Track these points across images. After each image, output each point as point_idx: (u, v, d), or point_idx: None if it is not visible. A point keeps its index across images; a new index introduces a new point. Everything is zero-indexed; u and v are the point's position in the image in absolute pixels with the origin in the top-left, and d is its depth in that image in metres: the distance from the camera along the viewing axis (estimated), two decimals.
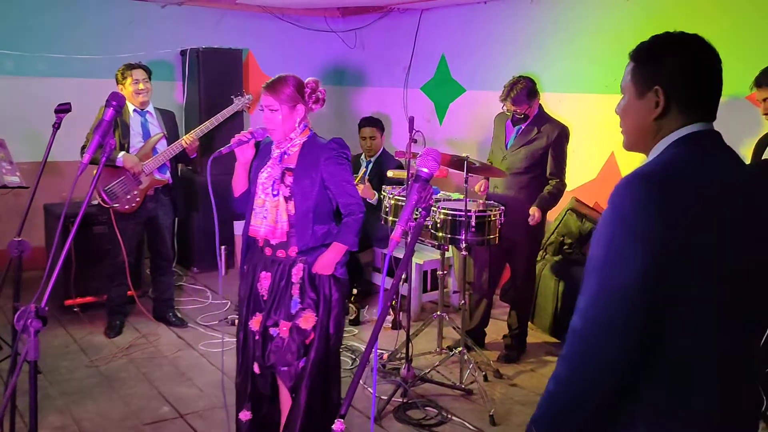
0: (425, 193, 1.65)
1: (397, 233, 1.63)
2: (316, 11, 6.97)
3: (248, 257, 2.98)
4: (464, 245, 3.90)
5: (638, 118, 1.53)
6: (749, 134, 4.12)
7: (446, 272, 4.42)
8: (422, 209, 1.66)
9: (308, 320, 2.84)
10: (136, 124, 4.62)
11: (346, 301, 3.03)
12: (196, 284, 5.84)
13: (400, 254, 5.08)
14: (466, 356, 3.99)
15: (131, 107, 4.60)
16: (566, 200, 4.94)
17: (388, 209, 4.31)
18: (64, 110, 2.75)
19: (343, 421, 1.47)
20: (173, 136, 4.77)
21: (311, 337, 2.86)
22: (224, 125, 5.04)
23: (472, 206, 3.95)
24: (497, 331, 4.71)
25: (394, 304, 4.95)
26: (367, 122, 5.55)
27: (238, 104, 4.89)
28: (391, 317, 4.95)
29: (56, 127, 2.78)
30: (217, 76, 6.04)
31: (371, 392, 3.72)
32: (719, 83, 1.52)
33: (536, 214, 4.13)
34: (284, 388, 2.92)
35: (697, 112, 1.50)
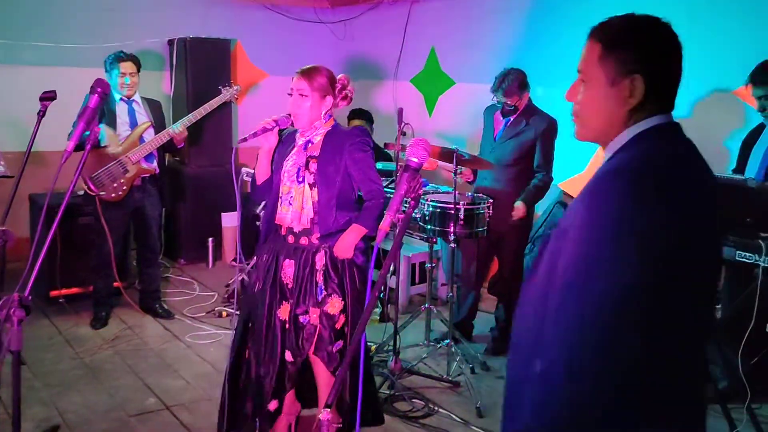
0: (414, 183, 1.63)
1: (385, 223, 1.61)
2: (305, 2, 6.93)
3: (269, 245, 2.99)
4: (453, 238, 3.90)
5: (608, 107, 1.41)
6: (734, 128, 4.15)
7: (434, 265, 4.42)
8: (411, 199, 1.64)
9: (334, 305, 2.88)
10: (123, 112, 4.58)
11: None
12: (182, 276, 5.80)
13: (388, 246, 5.07)
14: (453, 349, 4.00)
15: (117, 96, 4.57)
16: (555, 193, 4.95)
17: None
18: (49, 98, 2.71)
19: (329, 410, 1.46)
20: (160, 125, 4.73)
21: (341, 321, 2.89)
22: (212, 115, 5.01)
23: (460, 199, 3.95)
24: (485, 323, 4.71)
25: (382, 296, 4.95)
26: (355, 114, 5.53)
27: (225, 95, 4.86)
28: (379, 310, 4.95)
29: (41, 114, 2.75)
30: (205, 66, 6.00)
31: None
32: (681, 70, 1.43)
33: (520, 210, 4.15)
34: (321, 372, 2.95)
35: (666, 101, 1.42)
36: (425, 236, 4.17)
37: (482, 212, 3.99)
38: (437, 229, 3.99)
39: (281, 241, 2.94)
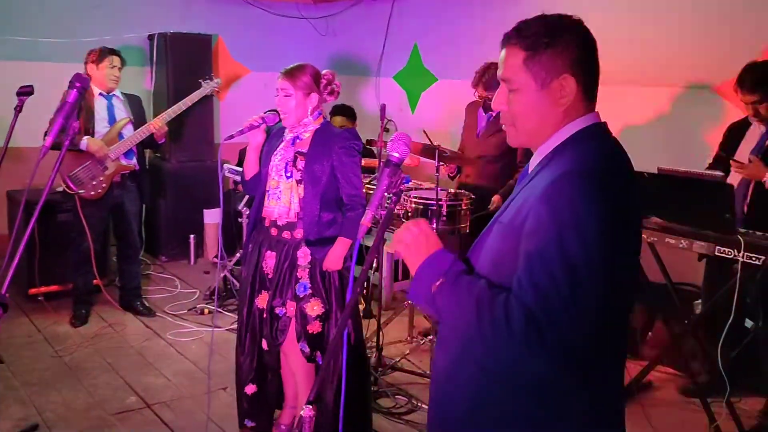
0: (396, 178, 1.61)
1: (366, 218, 1.59)
2: None
3: (253, 237, 3.06)
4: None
5: (542, 110, 1.43)
6: (712, 124, 4.19)
7: None
8: (393, 194, 1.63)
9: (315, 308, 2.92)
10: (101, 108, 4.53)
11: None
12: (163, 273, 5.76)
13: (370, 242, 5.05)
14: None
15: (96, 91, 4.51)
16: None
17: None
18: (26, 93, 2.66)
19: (311, 407, 1.44)
20: (140, 121, 4.68)
21: (315, 326, 2.93)
22: (193, 110, 4.96)
23: (443, 195, 3.95)
24: None
25: (365, 293, 4.94)
26: (338, 111, 5.50)
27: (206, 88, 4.81)
28: (362, 306, 4.94)
29: (18, 110, 2.69)
30: (186, 61, 5.94)
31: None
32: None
33: (496, 202, 4.16)
34: (287, 363, 3.05)
35: (593, 98, 1.47)
36: None
37: (465, 208, 3.99)
38: None
39: (265, 232, 3.00)
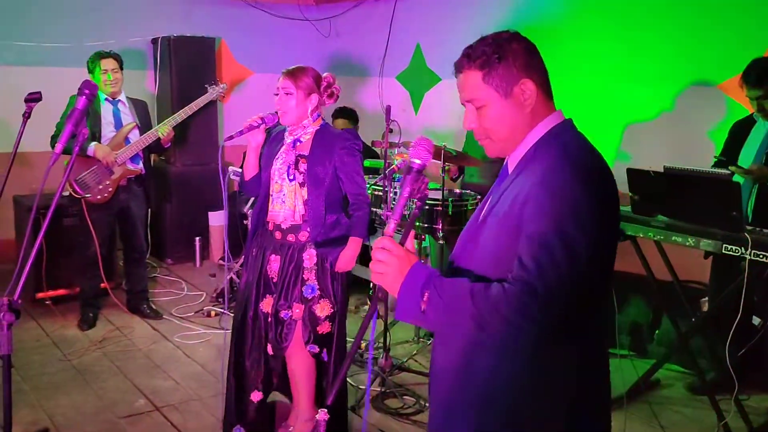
0: (418, 184, 1.61)
1: (389, 228, 1.57)
2: None
3: (256, 241, 3.04)
4: (441, 235, 3.90)
5: (513, 117, 1.55)
6: (717, 121, 4.19)
7: (423, 261, 4.42)
8: (417, 200, 1.63)
9: (324, 309, 2.94)
10: (107, 113, 4.54)
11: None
12: (170, 276, 5.77)
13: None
14: None
15: (102, 96, 4.52)
16: None
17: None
18: (34, 99, 2.67)
19: (326, 411, 1.46)
20: (145, 125, 4.70)
21: (325, 327, 2.95)
22: (197, 114, 4.98)
23: (449, 195, 3.96)
24: None
25: (371, 293, 4.95)
26: (339, 113, 5.51)
27: (212, 93, 4.83)
28: (368, 307, 4.95)
29: (26, 116, 2.71)
30: (189, 64, 5.96)
31: (352, 383, 3.73)
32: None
33: None
34: (293, 368, 3.02)
35: (551, 96, 1.59)
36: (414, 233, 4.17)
37: (470, 209, 4.00)
38: (425, 226, 3.99)
39: (268, 236, 2.99)
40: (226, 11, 6.63)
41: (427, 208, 3.96)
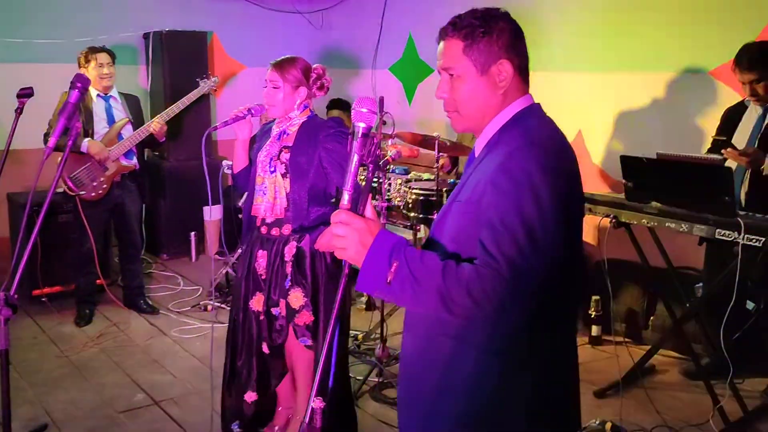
0: (368, 147, 1.48)
1: (345, 200, 1.47)
2: None
3: (246, 237, 2.99)
4: None
5: (483, 94, 1.55)
6: (708, 108, 4.20)
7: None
8: (369, 163, 1.50)
9: (297, 298, 2.83)
10: (100, 109, 4.53)
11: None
12: (166, 271, 5.77)
13: None
14: None
15: (94, 92, 4.51)
16: None
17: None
18: (26, 95, 2.66)
19: (321, 399, 1.46)
20: (138, 120, 4.69)
21: (304, 317, 2.84)
22: (190, 108, 4.96)
23: (443, 186, 3.96)
24: None
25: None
26: (334, 105, 5.50)
27: (204, 87, 4.81)
28: (365, 298, 4.96)
29: (18, 112, 2.70)
30: (181, 59, 5.94)
31: (350, 375, 3.74)
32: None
33: None
34: (293, 362, 2.94)
35: (527, 81, 1.59)
36: (409, 224, 4.18)
37: None
38: (421, 216, 3.99)
39: (256, 231, 2.93)
40: (218, 5, 6.61)
41: (422, 198, 3.97)
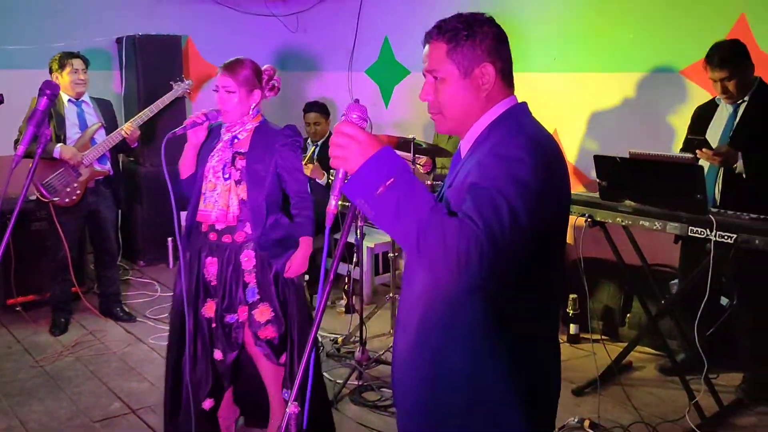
0: None
1: (332, 205, 1.47)
2: None
3: (189, 243, 2.89)
4: None
5: (467, 97, 1.57)
6: (679, 107, 4.25)
7: (397, 254, 4.44)
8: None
9: (264, 313, 2.82)
10: (71, 114, 4.48)
11: (303, 292, 3.03)
12: (143, 278, 5.72)
13: (353, 238, 5.06)
14: None
15: (65, 97, 4.46)
16: None
17: None
18: None
19: (296, 404, 1.46)
20: (111, 125, 4.64)
21: (268, 332, 2.82)
22: (165, 112, 4.92)
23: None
24: None
25: (346, 288, 4.95)
26: (311, 107, 5.49)
27: (178, 90, 4.77)
28: (344, 301, 4.96)
29: None
30: (155, 63, 5.88)
31: (330, 378, 3.73)
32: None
33: None
34: (262, 366, 2.91)
35: (511, 84, 1.62)
36: None
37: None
38: None
39: (202, 238, 2.84)
40: (191, 8, 6.56)
41: None
